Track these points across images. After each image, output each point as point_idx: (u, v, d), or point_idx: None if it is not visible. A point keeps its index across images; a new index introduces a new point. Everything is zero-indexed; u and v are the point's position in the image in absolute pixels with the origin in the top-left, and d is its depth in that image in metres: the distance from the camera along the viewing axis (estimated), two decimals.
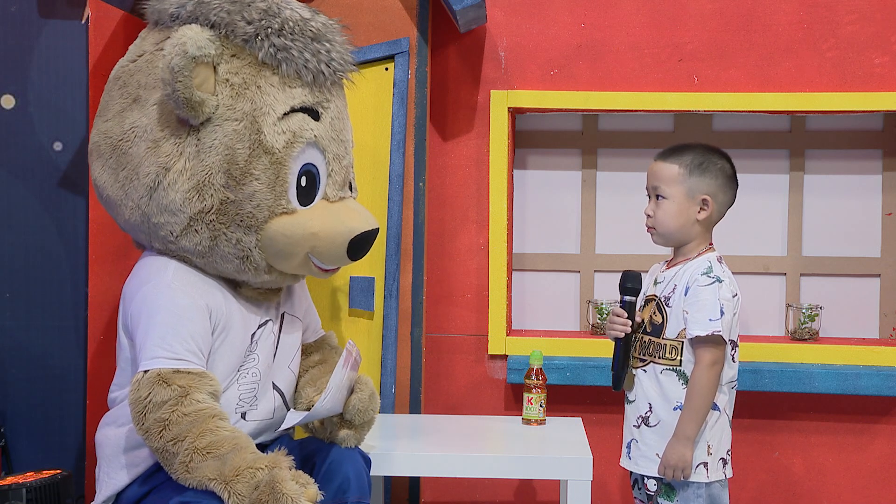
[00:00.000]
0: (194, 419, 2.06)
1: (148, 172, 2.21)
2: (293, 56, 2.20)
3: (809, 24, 2.95)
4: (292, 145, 2.21)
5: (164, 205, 2.21)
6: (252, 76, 2.20)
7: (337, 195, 2.30)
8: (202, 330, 2.18)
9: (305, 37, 2.22)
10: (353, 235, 2.26)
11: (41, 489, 2.69)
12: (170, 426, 2.05)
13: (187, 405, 2.07)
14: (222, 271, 2.26)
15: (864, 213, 3.11)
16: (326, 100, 2.28)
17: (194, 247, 2.22)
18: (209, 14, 2.18)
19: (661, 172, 2.47)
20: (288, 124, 2.21)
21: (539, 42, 3.02)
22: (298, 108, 2.23)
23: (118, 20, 2.97)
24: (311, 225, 2.24)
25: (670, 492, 2.43)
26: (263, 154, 2.19)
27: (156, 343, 2.12)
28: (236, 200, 2.19)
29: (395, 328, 2.83)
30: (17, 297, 3.04)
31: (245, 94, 2.19)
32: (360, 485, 2.21)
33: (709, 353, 2.37)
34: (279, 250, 2.24)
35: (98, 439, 2.29)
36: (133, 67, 2.30)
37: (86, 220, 3.01)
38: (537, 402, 2.71)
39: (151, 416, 2.07)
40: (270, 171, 2.20)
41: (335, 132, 2.30)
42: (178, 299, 2.19)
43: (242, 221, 2.20)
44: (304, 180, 2.25)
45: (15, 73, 3.02)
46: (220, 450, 2.04)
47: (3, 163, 3.03)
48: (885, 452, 2.97)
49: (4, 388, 3.03)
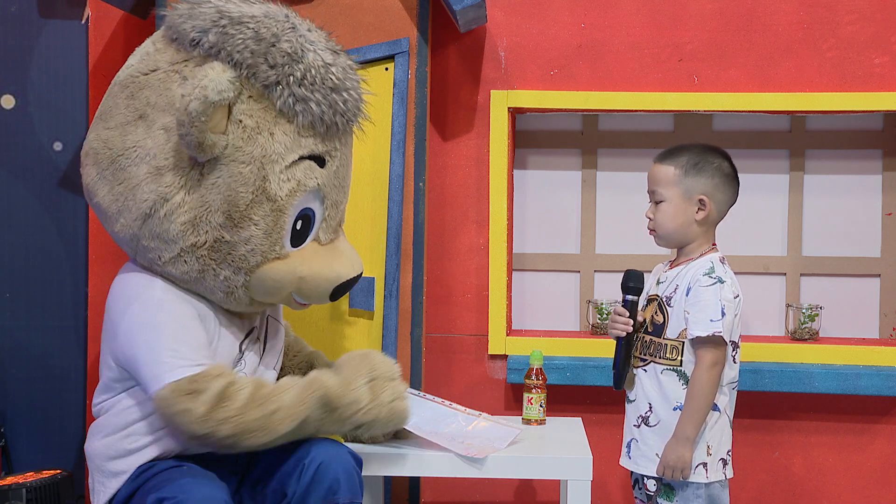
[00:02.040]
0: (257, 387, 2.13)
1: (146, 199, 2.17)
2: (311, 109, 2.17)
3: (809, 24, 2.95)
4: (295, 193, 2.20)
5: (157, 232, 2.19)
6: (266, 121, 2.16)
7: (328, 238, 2.30)
8: (203, 334, 2.20)
9: (325, 87, 2.18)
10: (339, 282, 2.28)
11: (41, 489, 2.69)
12: (249, 406, 2.10)
13: (241, 384, 2.12)
14: (207, 297, 2.26)
15: (864, 213, 3.11)
16: (335, 148, 2.26)
17: (181, 274, 2.21)
18: (233, 52, 2.12)
19: (658, 175, 2.48)
20: (293, 172, 2.19)
21: (539, 42, 3.02)
22: (306, 156, 2.21)
23: (118, 20, 2.97)
24: (300, 269, 2.24)
25: (670, 492, 2.43)
26: (266, 201, 2.17)
27: (171, 356, 2.12)
28: (231, 241, 2.18)
29: (395, 328, 2.83)
30: (17, 297, 3.04)
31: (256, 138, 2.15)
32: (351, 485, 2.20)
33: (709, 353, 2.37)
34: (265, 290, 2.25)
35: (87, 450, 2.30)
36: (144, 81, 2.23)
37: (86, 220, 3.01)
38: (537, 402, 2.71)
39: (218, 413, 2.08)
40: (270, 218, 2.18)
41: (338, 179, 2.29)
42: (176, 310, 2.19)
43: (234, 262, 2.19)
44: (299, 224, 2.24)
45: (15, 73, 3.02)
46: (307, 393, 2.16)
47: (3, 163, 3.03)
48: (885, 452, 2.97)
49: (4, 388, 3.03)
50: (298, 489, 2.18)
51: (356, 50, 2.81)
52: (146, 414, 2.21)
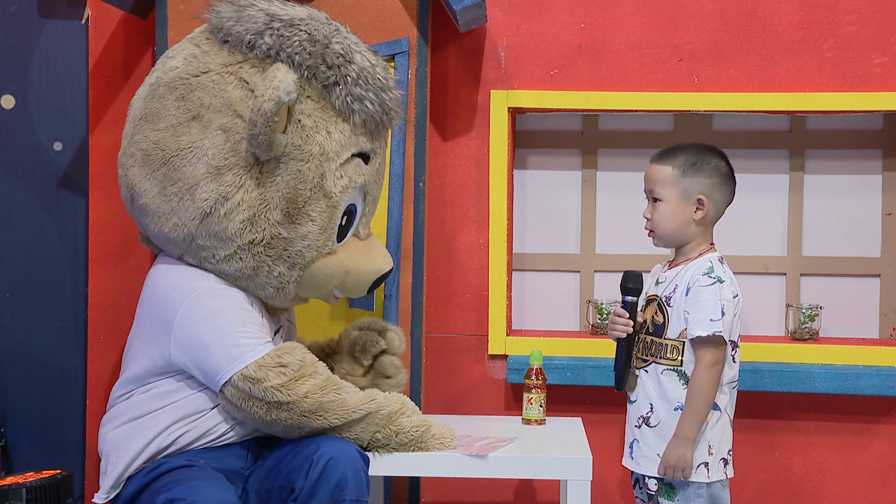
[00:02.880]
0: (330, 374, 2.25)
1: (206, 198, 2.22)
2: (367, 108, 2.25)
3: (809, 24, 2.95)
4: (347, 190, 2.28)
5: (215, 231, 2.23)
6: (324, 120, 2.23)
7: (366, 233, 2.40)
8: (260, 317, 2.30)
9: (376, 86, 2.26)
10: (379, 274, 2.38)
11: (41, 489, 2.69)
12: (326, 386, 2.21)
13: (318, 366, 2.24)
14: (254, 293, 2.32)
15: (864, 213, 3.11)
16: (380, 146, 2.36)
17: (234, 271, 2.27)
18: (293, 54, 2.19)
19: (656, 175, 2.48)
20: (346, 169, 2.28)
21: (539, 42, 3.02)
22: (356, 153, 2.30)
23: (118, 20, 2.97)
24: (345, 263, 2.34)
25: (671, 491, 2.43)
26: (323, 197, 2.25)
27: (244, 337, 2.20)
28: (288, 238, 2.25)
29: None
30: (17, 297, 3.05)
31: (315, 137, 2.22)
32: (359, 482, 2.21)
33: (709, 353, 2.38)
34: (315, 285, 2.33)
35: (100, 437, 2.32)
36: (195, 83, 2.26)
37: (86, 220, 3.01)
38: (537, 402, 2.71)
39: (302, 385, 2.19)
40: (325, 215, 2.26)
41: (378, 176, 2.39)
42: (234, 295, 2.27)
43: (290, 258, 2.26)
44: (344, 219, 2.32)
45: (15, 73, 3.02)
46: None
47: (3, 163, 3.03)
48: (885, 452, 2.97)
49: (4, 388, 3.03)
50: (307, 485, 2.19)
51: None
52: (169, 403, 2.26)
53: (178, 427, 2.26)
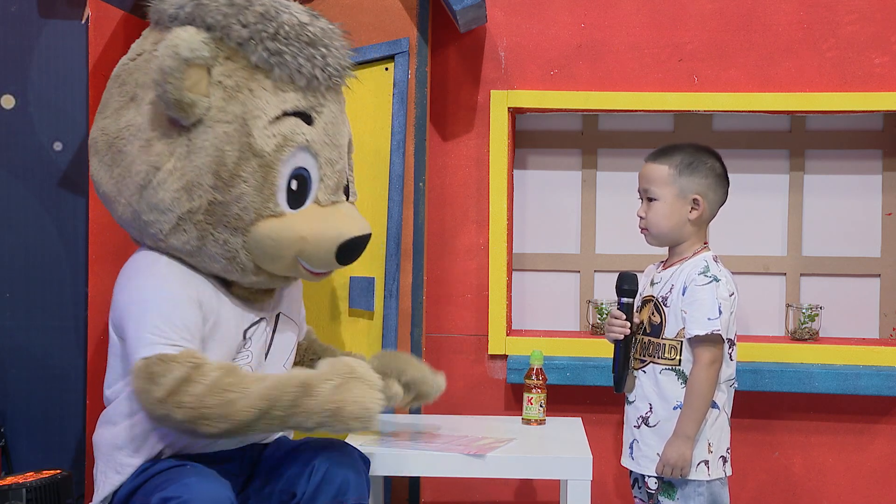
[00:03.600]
0: (224, 374, 2.10)
1: (139, 171, 2.23)
2: (286, 61, 2.20)
3: (809, 24, 2.95)
4: (282, 149, 2.22)
5: (153, 203, 2.22)
6: (245, 79, 2.20)
7: (329, 200, 2.30)
8: (194, 318, 2.20)
9: (301, 41, 2.22)
10: (342, 240, 2.26)
11: (41, 489, 2.69)
12: (210, 393, 2.07)
13: (207, 371, 2.09)
14: (212, 270, 2.27)
15: (864, 213, 3.11)
16: (320, 104, 2.28)
17: (183, 245, 2.24)
18: (206, 16, 2.18)
19: (652, 174, 2.48)
20: (279, 128, 2.22)
21: (539, 42, 3.02)
22: (291, 112, 2.24)
23: (118, 20, 2.97)
24: (299, 228, 2.24)
25: (671, 490, 2.43)
26: (252, 157, 2.20)
27: (152, 331, 2.13)
28: (224, 202, 2.20)
29: (395, 328, 2.83)
30: (17, 297, 3.05)
31: (237, 96, 2.20)
32: (360, 486, 2.21)
33: (707, 352, 2.38)
34: (266, 252, 2.24)
35: (95, 439, 2.31)
36: (132, 66, 2.32)
37: (86, 220, 3.01)
38: (537, 402, 2.71)
39: (176, 396, 2.06)
40: (259, 174, 2.20)
41: (328, 137, 2.30)
42: (170, 288, 2.21)
43: (229, 223, 2.21)
44: (294, 184, 2.25)
45: (15, 73, 3.02)
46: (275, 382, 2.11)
47: (3, 163, 3.03)
48: (885, 452, 2.97)
49: (4, 388, 3.03)
50: (308, 489, 2.18)
51: (356, 50, 2.79)
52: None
53: (163, 437, 2.22)
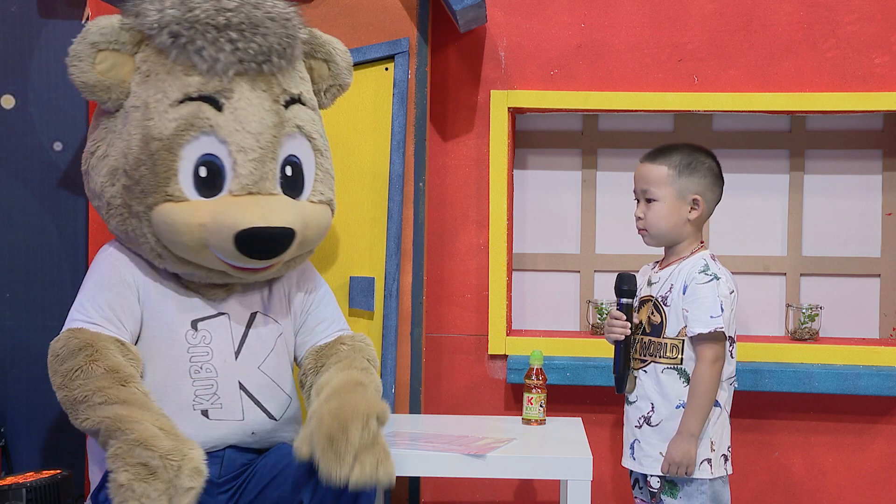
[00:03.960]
0: (104, 372, 2.13)
1: (84, 158, 2.34)
2: (185, 46, 2.21)
3: (809, 24, 2.95)
4: (183, 133, 2.21)
5: (92, 189, 2.32)
6: (157, 65, 2.24)
7: (244, 190, 2.23)
8: (122, 301, 2.25)
9: (208, 26, 2.21)
10: (236, 230, 2.18)
11: (41, 489, 2.69)
12: (81, 374, 2.12)
13: (98, 358, 2.13)
14: (146, 257, 2.30)
15: (864, 213, 3.11)
16: (229, 90, 2.24)
17: (116, 231, 2.31)
18: (136, 3, 2.25)
19: (650, 174, 2.48)
20: (180, 111, 2.22)
21: (539, 42, 3.02)
22: (196, 96, 2.22)
23: None
24: (198, 216, 2.21)
25: (673, 489, 2.43)
26: (152, 140, 2.21)
27: (76, 308, 2.24)
28: (130, 186, 2.23)
29: (395, 328, 2.83)
30: (17, 297, 3.05)
31: (148, 81, 2.24)
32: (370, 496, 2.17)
33: (711, 349, 2.38)
34: (168, 239, 2.24)
35: (88, 439, 2.30)
36: None
37: (86, 220, 3.01)
38: (537, 402, 2.70)
39: (64, 366, 2.14)
40: (157, 157, 2.21)
41: (239, 123, 2.23)
42: (101, 271, 2.29)
43: (132, 207, 2.24)
44: (203, 171, 2.23)
45: (15, 73, 3.02)
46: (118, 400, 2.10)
47: (3, 163, 3.03)
48: (885, 452, 2.97)
49: (4, 388, 3.03)
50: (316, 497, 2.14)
51: (356, 50, 2.81)
52: None
53: None
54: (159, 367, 2.25)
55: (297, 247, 2.29)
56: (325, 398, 2.22)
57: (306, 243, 2.34)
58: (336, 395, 2.22)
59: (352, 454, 2.06)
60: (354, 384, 2.27)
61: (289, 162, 2.31)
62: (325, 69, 2.47)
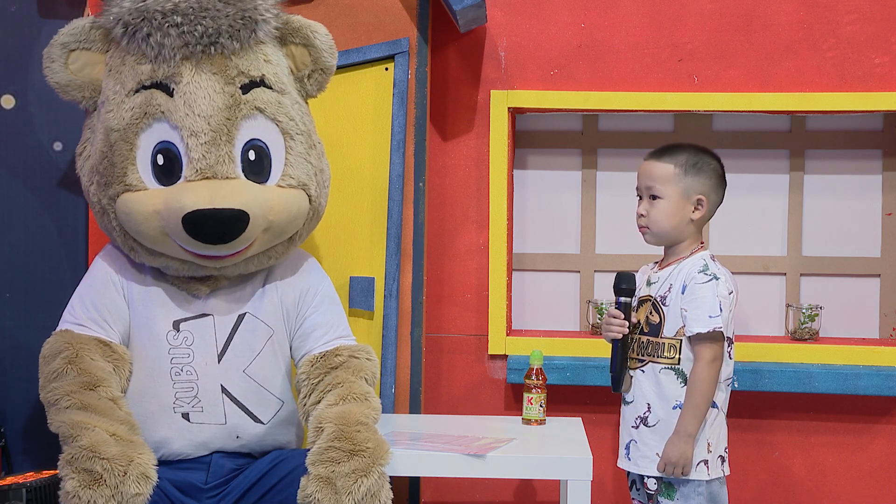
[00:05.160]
0: (75, 376, 2.17)
1: (77, 162, 2.39)
2: (131, 34, 2.24)
3: (809, 24, 2.95)
4: (137, 122, 2.23)
5: (83, 190, 2.37)
6: (118, 59, 2.28)
7: (200, 174, 2.21)
8: (108, 301, 2.29)
9: (156, 12, 2.22)
10: (183, 213, 2.17)
11: (41, 489, 2.68)
12: (56, 377, 2.18)
13: (75, 361, 2.18)
14: (131, 255, 2.33)
15: (864, 213, 3.11)
16: (178, 74, 2.24)
17: (100, 227, 2.35)
18: (107, 3, 2.31)
19: (656, 172, 2.48)
20: (135, 101, 2.24)
21: (539, 42, 3.02)
22: (148, 84, 2.24)
23: None
24: (153, 203, 2.22)
25: (671, 490, 2.43)
26: (111, 131, 2.25)
27: (66, 310, 2.31)
28: (99, 180, 2.28)
29: (395, 328, 2.83)
30: (17, 297, 3.04)
31: (110, 75, 2.28)
32: None
33: (709, 349, 2.38)
34: (132, 229, 2.26)
35: None
36: None
37: (86, 220, 3.01)
38: (537, 402, 2.71)
39: (47, 368, 2.20)
40: (116, 147, 2.24)
41: (190, 108, 2.22)
42: (94, 272, 2.34)
43: (101, 202, 2.28)
44: (160, 158, 2.24)
45: (15, 73, 3.01)
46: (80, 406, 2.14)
47: (3, 163, 3.03)
48: (885, 452, 2.97)
49: (4, 388, 3.03)
50: None
51: (356, 50, 2.81)
52: None
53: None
54: (143, 367, 2.27)
55: (263, 232, 2.25)
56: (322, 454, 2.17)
57: (275, 229, 2.28)
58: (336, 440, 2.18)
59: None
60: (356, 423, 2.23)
61: (252, 146, 2.28)
62: (307, 54, 2.41)
